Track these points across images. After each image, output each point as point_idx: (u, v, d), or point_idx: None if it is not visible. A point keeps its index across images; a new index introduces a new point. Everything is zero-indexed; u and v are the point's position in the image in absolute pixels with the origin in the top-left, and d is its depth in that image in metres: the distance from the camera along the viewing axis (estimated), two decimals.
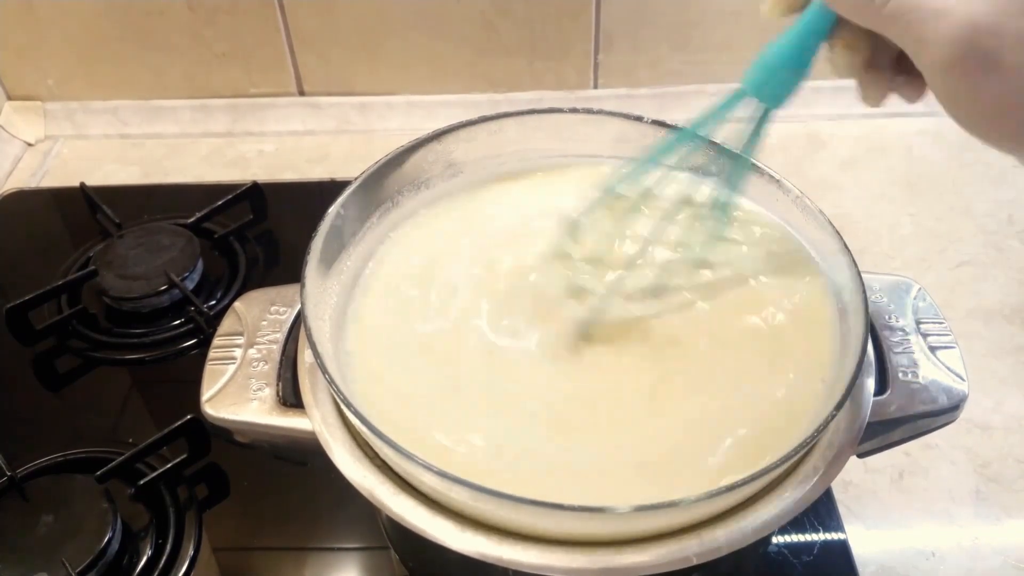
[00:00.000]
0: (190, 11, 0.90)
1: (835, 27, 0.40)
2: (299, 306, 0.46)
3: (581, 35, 0.91)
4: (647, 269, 0.51)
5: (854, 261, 0.47)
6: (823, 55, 0.42)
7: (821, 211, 0.50)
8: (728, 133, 0.49)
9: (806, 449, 0.41)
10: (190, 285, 0.74)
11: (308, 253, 0.47)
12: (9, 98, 0.97)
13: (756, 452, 0.42)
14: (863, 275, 0.47)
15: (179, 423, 0.59)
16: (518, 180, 0.58)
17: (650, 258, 0.52)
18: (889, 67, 0.41)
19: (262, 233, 0.81)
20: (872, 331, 0.49)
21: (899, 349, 0.49)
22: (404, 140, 0.54)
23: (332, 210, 0.50)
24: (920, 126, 0.92)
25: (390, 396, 0.46)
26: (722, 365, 0.47)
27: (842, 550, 0.57)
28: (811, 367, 0.47)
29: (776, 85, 0.44)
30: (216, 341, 0.50)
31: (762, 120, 0.46)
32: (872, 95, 0.42)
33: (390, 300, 0.51)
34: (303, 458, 0.48)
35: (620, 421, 0.45)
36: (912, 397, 0.47)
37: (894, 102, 0.42)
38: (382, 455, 0.43)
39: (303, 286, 0.46)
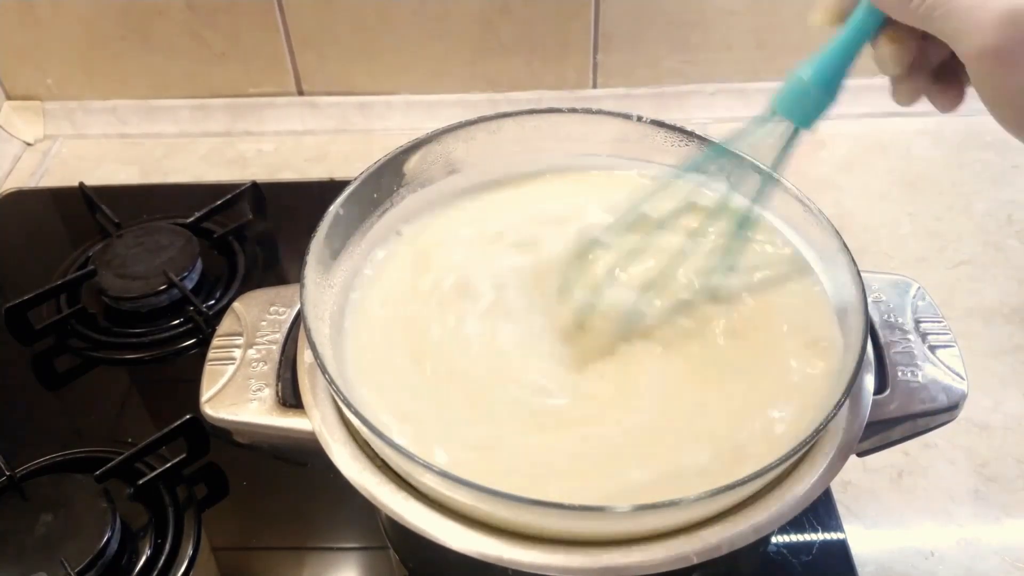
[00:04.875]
0: (190, 11, 0.90)
1: (878, 30, 0.41)
2: (298, 306, 0.46)
3: (580, 35, 0.91)
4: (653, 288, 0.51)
5: (853, 260, 0.47)
6: (867, 54, 0.42)
7: (821, 211, 0.50)
8: (757, 149, 0.48)
9: (806, 448, 0.41)
10: (189, 285, 0.74)
11: (308, 253, 0.47)
12: (8, 98, 0.97)
13: (756, 451, 0.42)
14: (862, 274, 0.47)
15: (178, 423, 0.59)
16: (517, 180, 0.58)
17: (661, 274, 0.51)
18: (928, 74, 0.42)
19: (261, 233, 0.81)
20: (871, 330, 0.49)
21: (898, 348, 0.49)
22: (403, 140, 0.54)
23: (331, 210, 0.50)
24: (919, 126, 0.92)
25: (390, 396, 0.46)
26: (723, 366, 0.47)
27: (841, 550, 0.57)
28: (808, 365, 0.47)
29: (808, 105, 0.43)
30: (215, 341, 0.50)
31: (791, 140, 0.45)
32: (905, 94, 0.42)
33: (390, 300, 0.51)
34: (303, 458, 0.48)
35: (621, 424, 0.44)
36: (911, 396, 0.47)
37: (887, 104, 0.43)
38: (382, 455, 0.43)
39: (302, 286, 0.46)
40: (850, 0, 0.41)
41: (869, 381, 0.46)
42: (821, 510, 0.58)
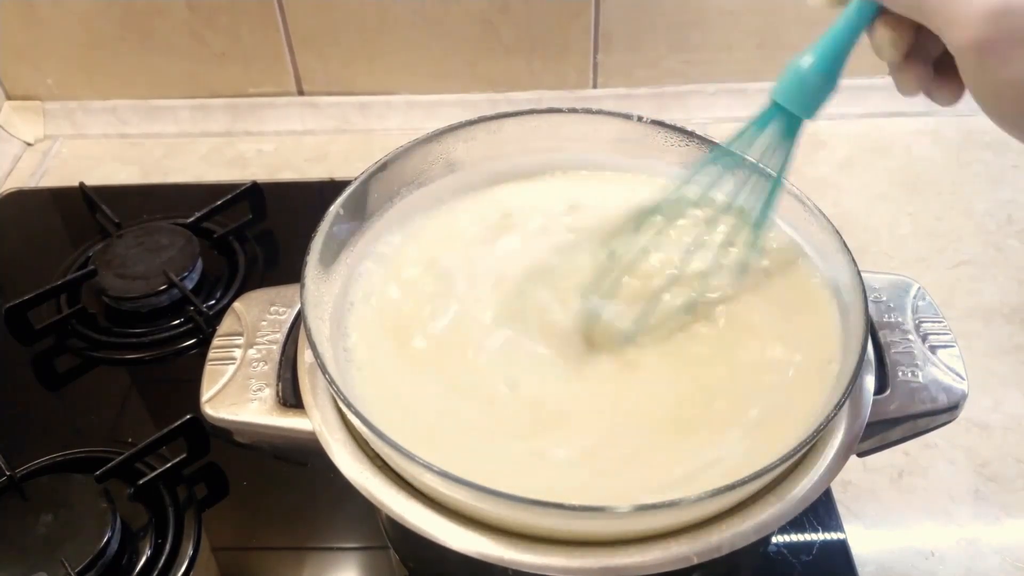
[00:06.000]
0: (190, 11, 0.90)
1: (875, 15, 0.41)
2: (299, 306, 0.46)
3: (580, 35, 0.91)
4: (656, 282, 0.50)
5: (853, 260, 0.47)
6: (868, 51, 0.42)
7: (820, 210, 0.50)
8: (760, 149, 0.47)
9: (806, 448, 0.41)
10: (189, 285, 0.74)
11: (308, 253, 0.47)
12: (8, 98, 0.97)
13: (757, 452, 0.42)
14: (862, 274, 0.47)
15: (178, 423, 0.59)
16: (517, 180, 0.58)
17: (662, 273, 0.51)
18: (927, 65, 0.42)
19: (261, 233, 0.81)
20: (872, 330, 0.49)
21: (899, 348, 0.49)
22: (403, 140, 0.54)
23: (332, 210, 0.50)
24: (919, 126, 0.92)
25: (390, 396, 0.46)
26: (723, 366, 0.47)
27: (841, 550, 0.57)
28: (812, 366, 0.47)
29: (809, 94, 0.43)
30: (216, 341, 0.50)
31: (794, 133, 0.45)
32: (905, 84, 0.42)
33: (390, 300, 0.51)
34: (303, 458, 0.48)
35: (618, 426, 0.45)
36: (912, 396, 0.47)
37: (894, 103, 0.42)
38: (382, 455, 0.43)
39: (303, 286, 0.46)
40: None
41: (869, 381, 0.46)
42: (821, 510, 0.58)
